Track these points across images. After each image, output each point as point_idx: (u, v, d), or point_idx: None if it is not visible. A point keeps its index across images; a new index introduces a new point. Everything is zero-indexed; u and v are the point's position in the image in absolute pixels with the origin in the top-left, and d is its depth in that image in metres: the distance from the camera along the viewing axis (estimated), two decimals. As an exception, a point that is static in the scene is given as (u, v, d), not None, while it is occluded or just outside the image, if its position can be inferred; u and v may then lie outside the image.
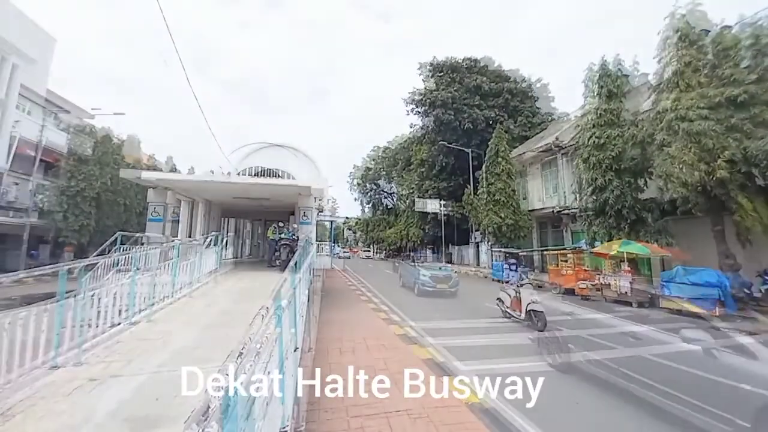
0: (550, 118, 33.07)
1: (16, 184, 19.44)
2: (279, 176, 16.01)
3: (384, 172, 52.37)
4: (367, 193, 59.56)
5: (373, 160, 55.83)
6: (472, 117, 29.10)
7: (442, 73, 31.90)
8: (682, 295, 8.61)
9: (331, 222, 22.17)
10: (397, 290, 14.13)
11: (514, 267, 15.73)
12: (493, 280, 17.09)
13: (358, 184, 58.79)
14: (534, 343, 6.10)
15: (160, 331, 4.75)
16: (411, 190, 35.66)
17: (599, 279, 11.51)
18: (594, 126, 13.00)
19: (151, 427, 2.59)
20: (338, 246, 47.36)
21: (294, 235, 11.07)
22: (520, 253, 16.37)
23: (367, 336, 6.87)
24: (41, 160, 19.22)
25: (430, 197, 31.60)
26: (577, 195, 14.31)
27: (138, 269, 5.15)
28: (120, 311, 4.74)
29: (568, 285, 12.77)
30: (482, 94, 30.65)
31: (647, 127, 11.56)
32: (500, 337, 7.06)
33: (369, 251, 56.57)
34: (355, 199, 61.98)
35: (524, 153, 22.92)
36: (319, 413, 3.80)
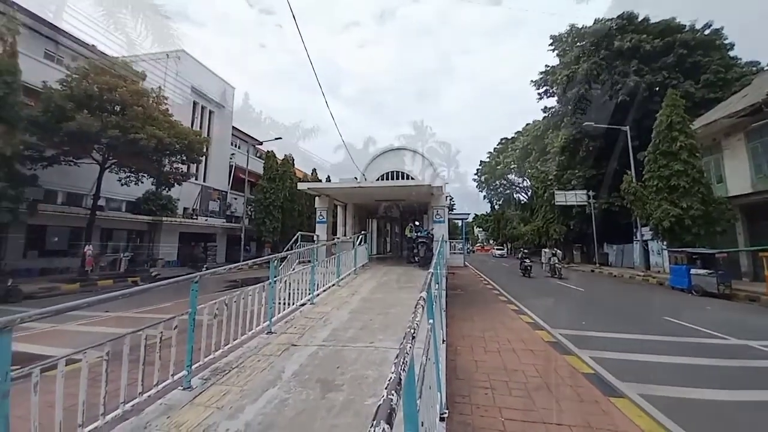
0: (753, 69, 23.94)
1: (235, 199, 28.63)
2: (408, 178, 16.89)
3: (515, 165, 48.49)
4: (497, 189, 56.43)
5: (501, 153, 52.29)
6: (627, 87, 23.83)
7: (582, 42, 27.34)
8: None
9: (462, 220, 21.93)
10: (538, 293, 12.91)
11: (709, 273, 11.99)
12: (672, 288, 13.51)
13: (486, 180, 56.12)
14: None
15: (333, 311, 5.72)
16: (549, 182, 31.83)
17: None
18: None
19: (334, 389, 3.15)
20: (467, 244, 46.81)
21: (429, 233, 11.50)
22: (716, 255, 12.36)
23: (512, 338, 6.52)
24: (248, 181, 28.54)
25: (573, 188, 27.59)
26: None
27: (316, 261, 6.37)
28: (300, 294, 5.96)
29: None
30: (642, 56, 24.70)
31: None
32: (692, 359, 5.55)
33: (502, 249, 53.93)
34: (484, 197, 59.51)
35: (715, 121, 17.27)
36: (471, 407, 3.84)
